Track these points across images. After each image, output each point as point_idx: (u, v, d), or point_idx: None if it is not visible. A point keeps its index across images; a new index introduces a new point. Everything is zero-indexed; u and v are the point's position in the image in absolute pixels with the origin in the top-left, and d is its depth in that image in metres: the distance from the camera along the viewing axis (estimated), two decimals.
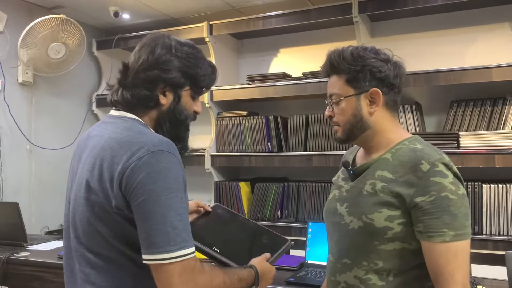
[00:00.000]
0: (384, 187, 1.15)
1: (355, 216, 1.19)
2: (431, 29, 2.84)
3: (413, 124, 2.70)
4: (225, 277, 1.07)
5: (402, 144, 1.22)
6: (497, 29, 2.70)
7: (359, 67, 1.22)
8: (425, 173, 1.10)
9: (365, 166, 1.24)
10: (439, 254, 1.08)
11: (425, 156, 1.13)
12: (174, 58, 1.15)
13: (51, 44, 2.98)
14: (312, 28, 3.10)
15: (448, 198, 1.08)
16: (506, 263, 1.57)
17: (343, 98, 1.23)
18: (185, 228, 1.01)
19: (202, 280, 1.01)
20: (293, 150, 2.90)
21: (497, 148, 2.36)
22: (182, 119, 1.18)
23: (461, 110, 2.61)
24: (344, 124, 1.24)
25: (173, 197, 1.01)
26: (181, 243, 0.99)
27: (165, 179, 1.01)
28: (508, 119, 2.47)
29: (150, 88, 1.14)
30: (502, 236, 2.38)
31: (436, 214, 1.08)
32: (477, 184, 2.46)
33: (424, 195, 1.09)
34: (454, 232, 1.07)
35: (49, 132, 3.29)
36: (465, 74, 2.43)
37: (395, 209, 1.13)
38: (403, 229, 1.12)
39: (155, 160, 1.02)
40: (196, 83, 1.19)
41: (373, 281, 1.15)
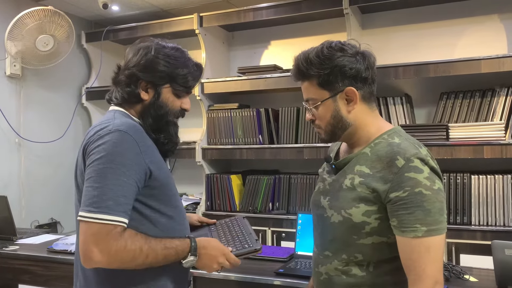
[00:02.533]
0: (361, 182, 1.17)
1: (335, 210, 1.21)
2: (421, 21, 2.85)
3: (403, 116, 2.71)
4: (145, 245, 1.14)
5: (381, 138, 1.22)
6: (486, 21, 2.71)
7: (328, 70, 1.19)
8: (400, 168, 1.11)
9: (346, 160, 1.25)
10: (411, 249, 1.09)
11: (401, 151, 1.14)
12: (154, 58, 1.28)
13: (39, 36, 2.95)
14: (303, 20, 3.09)
15: (422, 194, 1.09)
16: (492, 252, 1.59)
17: (320, 103, 1.22)
18: (115, 198, 1.11)
19: (114, 245, 1.10)
20: (284, 143, 2.91)
21: (486, 140, 2.38)
22: (162, 113, 1.30)
23: (451, 101, 2.63)
24: (325, 126, 1.24)
25: (113, 168, 1.13)
26: (103, 208, 1.10)
27: (111, 151, 1.14)
28: (497, 111, 2.50)
29: (131, 85, 1.29)
30: (490, 227, 2.41)
31: (409, 209, 1.09)
32: (466, 175, 2.49)
33: (398, 190, 1.10)
34: (426, 227, 1.08)
35: (39, 125, 3.26)
36: (454, 66, 2.44)
37: (372, 204, 1.14)
38: (380, 223, 1.14)
39: (109, 137, 1.16)
40: (176, 82, 1.30)
41: (354, 272, 1.18)
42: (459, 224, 2.47)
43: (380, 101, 2.76)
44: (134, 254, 1.12)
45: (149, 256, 1.15)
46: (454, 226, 2.46)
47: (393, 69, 2.57)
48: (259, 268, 1.84)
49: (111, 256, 1.10)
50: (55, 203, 3.31)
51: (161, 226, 1.22)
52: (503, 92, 2.50)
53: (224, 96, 3.26)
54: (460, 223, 2.47)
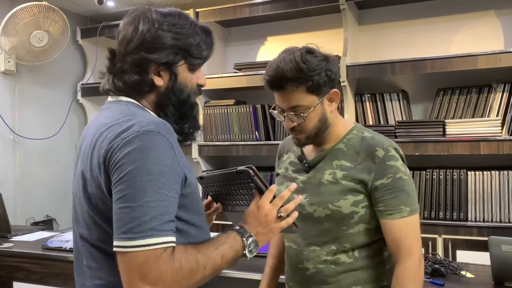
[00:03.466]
0: (345, 175, 1.25)
1: (319, 205, 1.26)
2: (418, 16, 2.84)
3: (399, 112, 2.70)
4: (199, 254, 0.95)
5: (351, 134, 1.31)
6: (482, 16, 2.71)
7: (317, 75, 1.23)
8: (381, 158, 1.23)
9: (320, 158, 1.31)
10: (399, 229, 1.21)
11: (379, 143, 1.25)
12: (160, 32, 1.03)
13: (33, 32, 2.92)
14: (299, 16, 3.07)
15: (402, 179, 1.23)
16: (489, 248, 1.59)
17: (313, 108, 1.25)
18: (159, 217, 0.90)
19: (169, 271, 0.90)
20: (281, 139, 2.89)
21: (482, 136, 2.37)
22: (185, 98, 1.08)
23: (447, 97, 2.63)
24: (310, 131, 1.27)
25: (151, 180, 0.91)
26: (149, 231, 0.88)
27: (146, 159, 0.92)
28: (494, 107, 2.49)
29: (140, 72, 1.04)
30: (486, 223, 2.41)
31: (393, 194, 1.21)
32: (462, 171, 2.49)
33: (382, 178, 1.22)
34: (409, 208, 1.22)
35: (33, 122, 3.24)
36: (451, 62, 2.43)
37: (358, 194, 1.24)
38: (366, 211, 1.24)
39: (138, 140, 0.93)
40: (191, 55, 1.06)
41: (342, 260, 1.26)
42: (456, 220, 2.47)
43: (377, 97, 2.75)
44: (191, 271, 0.92)
45: (207, 266, 0.95)
46: (450, 222, 2.46)
47: (389, 65, 2.56)
48: (257, 265, 1.83)
49: (167, 285, 0.89)
50: (51, 200, 3.30)
51: (191, 238, 1.00)
52: (500, 88, 2.50)
53: (220, 93, 3.24)
54: (457, 219, 2.47)
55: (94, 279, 1.02)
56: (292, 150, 1.42)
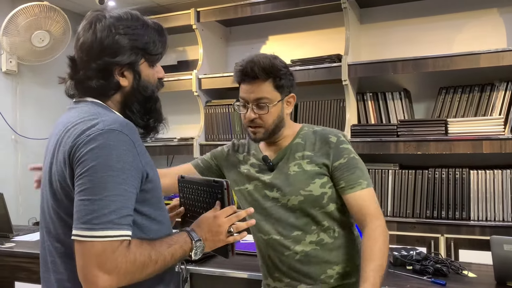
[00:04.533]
0: (309, 162, 1.41)
1: (292, 194, 1.39)
2: (419, 15, 2.83)
3: (402, 111, 2.69)
4: (152, 250, 1.01)
5: (303, 130, 1.48)
6: (485, 15, 2.69)
7: (284, 75, 1.39)
8: (335, 143, 1.40)
9: (282, 155, 1.45)
10: (362, 199, 1.36)
11: (330, 132, 1.44)
12: (118, 37, 1.08)
13: (34, 32, 2.92)
14: (301, 15, 3.06)
15: (355, 158, 1.40)
16: (491, 247, 1.58)
17: (276, 103, 1.39)
18: (117, 211, 0.95)
19: (124, 262, 0.95)
20: None
21: (485, 134, 2.36)
22: (149, 93, 1.14)
23: (450, 96, 2.62)
24: (269, 125, 1.40)
25: (112, 176, 0.96)
26: (107, 224, 0.94)
27: (108, 156, 0.97)
28: (496, 105, 2.48)
29: (106, 76, 1.09)
30: (489, 222, 2.40)
31: (351, 170, 1.38)
32: (464, 170, 2.48)
33: (339, 159, 1.39)
34: (366, 181, 1.38)
35: (35, 122, 3.24)
36: (453, 60, 2.42)
37: (323, 177, 1.39)
38: (333, 191, 1.40)
39: (102, 138, 0.99)
40: (149, 53, 1.12)
41: (326, 240, 1.40)
42: (458, 219, 2.46)
43: (379, 96, 2.74)
44: (144, 264, 0.99)
45: (158, 261, 1.02)
46: (453, 221, 2.45)
47: (391, 64, 2.55)
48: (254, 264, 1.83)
49: (121, 275, 0.95)
50: None
51: (152, 233, 1.06)
52: (502, 86, 2.49)
53: (221, 92, 3.24)
54: (459, 218, 2.46)
55: (57, 274, 1.07)
56: (251, 153, 1.52)
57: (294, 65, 2.83)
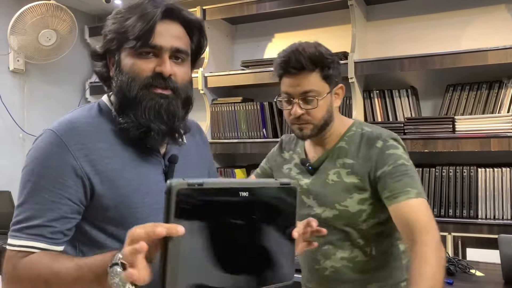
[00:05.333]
0: (348, 173, 1.25)
1: (327, 205, 1.27)
2: (426, 12, 2.81)
3: (408, 109, 2.68)
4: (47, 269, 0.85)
5: (351, 131, 1.31)
6: (493, 11, 2.67)
7: (332, 64, 1.25)
8: (380, 149, 1.23)
9: (322, 158, 1.31)
10: (408, 210, 1.15)
11: (378, 135, 1.26)
12: (106, 23, 1.01)
13: (41, 30, 2.94)
14: (307, 12, 3.06)
15: (405, 164, 1.21)
16: (499, 246, 1.57)
17: (325, 95, 1.25)
18: (26, 220, 0.89)
19: (8, 273, 0.89)
20: None
21: (493, 132, 2.34)
22: (125, 85, 0.96)
23: (457, 94, 2.60)
24: (318, 121, 1.26)
25: (31, 181, 0.91)
26: (14, 232, 0.90)
27: (34, 160, 0.92)
28: (504, 103, 2.46)
29: (100, 67, 1.04)
30: (497, 220, 2.38)
31: (397, 178, 1.18)
32: (472, 168, 2.46)
33: (383, 166, 1.21)
34: (416, 190, 1.17)
35: (42, 120, 3.25)
36: (461, 57, 2.40)
37: (363, 192, 1.23)
38: (373, 208, 1.24)
39: (38, 140, 0.95)
40: (127, 37, 0.95)
41: (360, 259, 1.26)
42: (466, 217, 2.44)
43: (385, 93, 2.73)
44: (34, 282, 0.85)
45: (50, 282, 0.83)
46: (460, 219, 2.44)
47: (398, 61, 2.54)
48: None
49: (9, 285, 0.89)
50: None
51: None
52: (511, 84, 2.46)
53: (227, 90, 3.24)
54: (467, 217, 2.44)
55: None
56: (296, 151, 1.41)
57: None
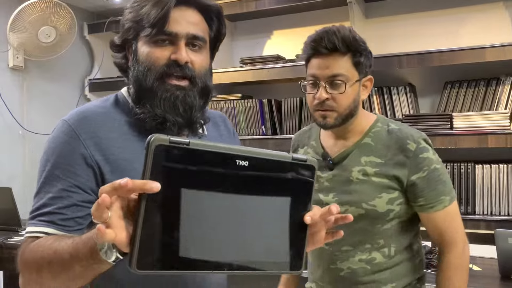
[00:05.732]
0: (377, 172, 1.18)
1: (351, 204, 1.20)
2: (425, 9, 2.83)
3: (407, 106, 2.70)
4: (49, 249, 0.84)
5: (376, 127, 1.24)
6: (491, 8, 2.68)
7: (364, 51, 1.19)
8: (414, 152, 1.18)
9: (345, 154, 1.23)
10: (443, 219, 1.20)
11: (409, 136, 1.20)
12: (124, 13, 1.00)
13: (41, 27, 2.94)
14: (306, 9, 3.07)
15: (437, 169, 1.19)
16: (495, 240, 1.59)
17: (354, 82, 1.18)
18: (40, 208, 0.90)
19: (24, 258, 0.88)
20: (288, 133, 2.90)
21: (490, 129, 2.36)
22: (141, 73, 0.95)
23: (455, 91, 2.62)
24: (344, 109, 1.18)
25: (46, 171, 0.92)
26: (30, 220, 0.92)
27: (48, 149, 0.95)
28: (502, 100, 2.48)
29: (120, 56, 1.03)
30: (494, 216, 2.40)
31: (432, 186, 1.18)
32: (470, 165, 2.48)
33: (418, 172, 1.18)
34: (449, 196, 1.20)
35: (42, 117, 3.27)
36: (458, 54, 2.42)
37: (393, 192, 1.19)
38: (401, 208, 1.20)
39: (54, 130, 0.98)
40: (143, 25, 0.94)
41: (378, 260, 1.22)
42: (463, 213, 2.46)
43: (384, 90, 2.75)
44: (38, 264, 0.85)
45: (52, 262, 0.81)
46: None
47: (396, 58, 2.55)
48: None
49: (21, 270, 0.89)
50: None
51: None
52: (508, 81, 2.48)
53: (226, 87, 3.25)
54: (464, 213, 2.46)
55: None
56: (310, 145, 1.33)
57: (299, 60, 2.84)
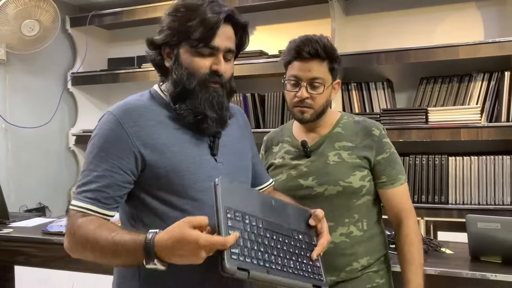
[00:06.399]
0: (350, 154, 1.40)
1: (330, 183, 1.39)
2: (402, 7, 2.92)
3: (384, 101, 2.80)
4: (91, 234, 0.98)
5: (344, 119, 1.47)
6: (464, 8, 2.80)
7: (337, 58, 1.40)
8: (378, 136, 1.41)
9: (320, 142, 1.44)
10: (400, 194, 1.42)
11: (372, 124, 1.44)
12: (165, 17, 1.12)
13: (24, 21, 2.93)
14: (288, 6, 3.12)
15: (394, 153, 1.43)
16: (466, 225, 1.70)
17: (330, 85, 1.39)
18: (86, 184, 1.04)
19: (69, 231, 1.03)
20: (271, 127, 2.97)
21: (463, 123, 2.48)
22: (181, 78, 1.09)
23: (430, 86, 2.74)
24: (318, 107, 1.39)
25: (92, 153, 1.06)
26: (76, 195, 1.05)
27: (95, 136, 1.09)
28: (473, 95, 2.61)
29: (156, 56, 1.15)
30: (465, 205, 2.53)
31: (392, 165, 1.41)
32: (443, 157, 2.60)
33: (382, 153, 1.41)
34: (404, 176, 1.44)
35: (25, 110, 3.25)
36: (434, 52, 2.52)
37: (363, 170, 1.40)
38: (371, 184, 1.41)
39: (100, 121, 1.11)
40: (189, 37, 1.07)
41: (354, 233, 1.41)
42: (437, 203, 2.59)
43: (362, 86, 2.85)
44: (83, 244, 1.00)
45: (95, 250, 0.97)
46: (432, 205, 2.58)
47: (375, 55, 2.65)
48: None
49: (69, 241, 1.03)
50: (43, 187, 3.34)
51: (171, 220, 0.95)
52: (480, 77, 2.61)
53: None
54: (438, 202, 2.59)
55: None
56: (285, 141, 1.51)
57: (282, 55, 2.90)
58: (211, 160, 1.13)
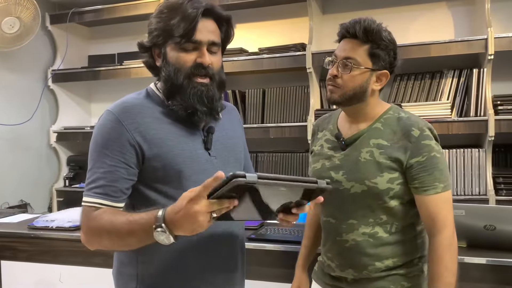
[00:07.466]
0: (381, 153, 1.31)
1: (357, 181, 1.32)
2: (378, 6, 3.01)
3: None
4: (108, 222, 1.07)
5: (388, 114, 1.37)
6: (435, 8, 2.92)
7: (384, 46, 1.33)
8: (417, 138, 1.29)
9: (357, 136, 1.37)
10: (434, 204, 1.29)
11: (414, 123, 1.32)
12: (151, 19, 1.20)
13: (4, 18, 2.93)
14: (267, 4, 3.19)
15: (436, 157, 1.29)
16: None
17: (362, 68, 1.31)
18: (95, 181, 1.11)
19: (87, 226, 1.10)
20: (251, 123, 3.05)
21: (434, 117, 2.60)
22: (170, 74, 1.16)
23: (404, 83, 2.85)
24: (348, 89, 1.32)
25: (95, 151, 1.13)
26: (87, 191, 1.12)
27: (96, 134, 1.15)
28: (444, 91, 2.74)
29: (147, 57, 1.23)
30: None
31: (428, 171, 1.28)
32: None
33: (417, 156, 1.29)
34: (443, 184, 1.29)
35: (5, 108, 3.25)
36: (408, 49, 2.62)
37: (394, 172, 1.30)
38: (401, 188, 1.31)
39: (99, 119, 1.18)
40: (173, 35, 1.14)
41: (380, 234, 1.33)
42: None
43: None
44: (98, 232, 1.08)
45: (111, 233, 1.06)
46: None
47: None
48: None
49: (87, 236, 1.10)
50: (24, 185, 3.34)
51: None
52: (450, 74, 2.74)
53: None
54: None
55: None
56: (328, 128, 1.46)
57: (261, 53, 2.98)
58: (205, 154, 1.20)
